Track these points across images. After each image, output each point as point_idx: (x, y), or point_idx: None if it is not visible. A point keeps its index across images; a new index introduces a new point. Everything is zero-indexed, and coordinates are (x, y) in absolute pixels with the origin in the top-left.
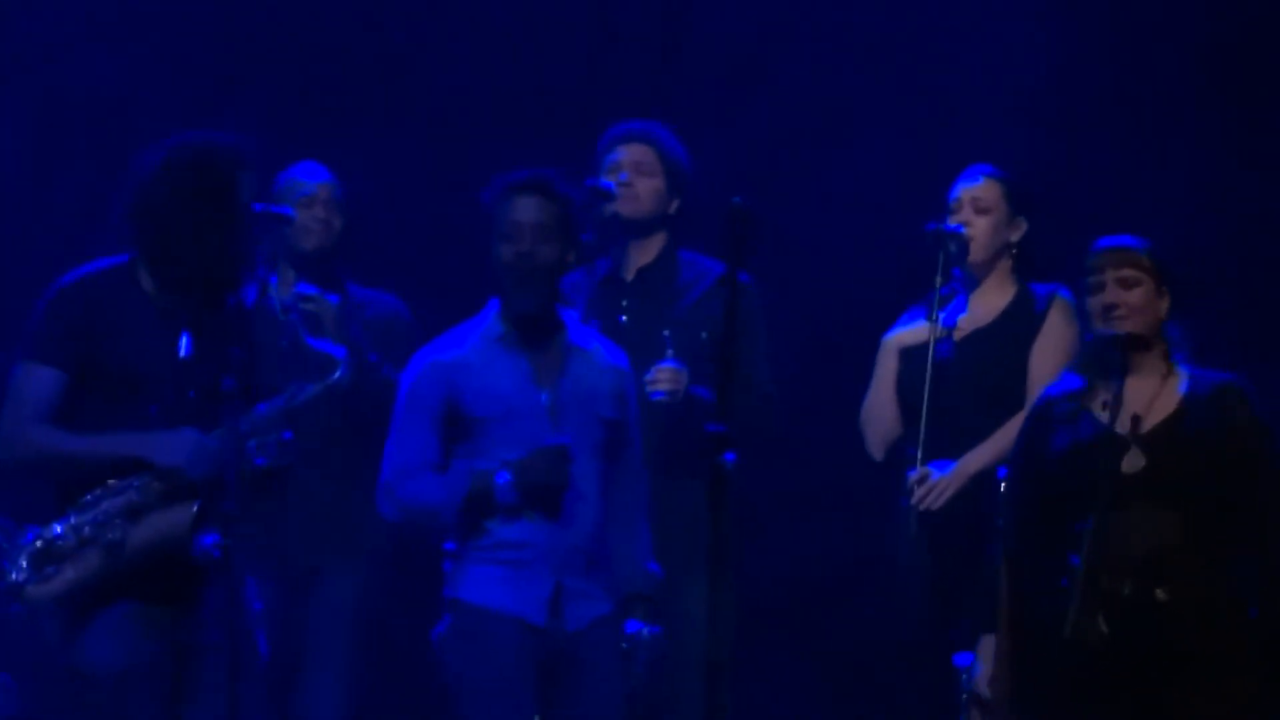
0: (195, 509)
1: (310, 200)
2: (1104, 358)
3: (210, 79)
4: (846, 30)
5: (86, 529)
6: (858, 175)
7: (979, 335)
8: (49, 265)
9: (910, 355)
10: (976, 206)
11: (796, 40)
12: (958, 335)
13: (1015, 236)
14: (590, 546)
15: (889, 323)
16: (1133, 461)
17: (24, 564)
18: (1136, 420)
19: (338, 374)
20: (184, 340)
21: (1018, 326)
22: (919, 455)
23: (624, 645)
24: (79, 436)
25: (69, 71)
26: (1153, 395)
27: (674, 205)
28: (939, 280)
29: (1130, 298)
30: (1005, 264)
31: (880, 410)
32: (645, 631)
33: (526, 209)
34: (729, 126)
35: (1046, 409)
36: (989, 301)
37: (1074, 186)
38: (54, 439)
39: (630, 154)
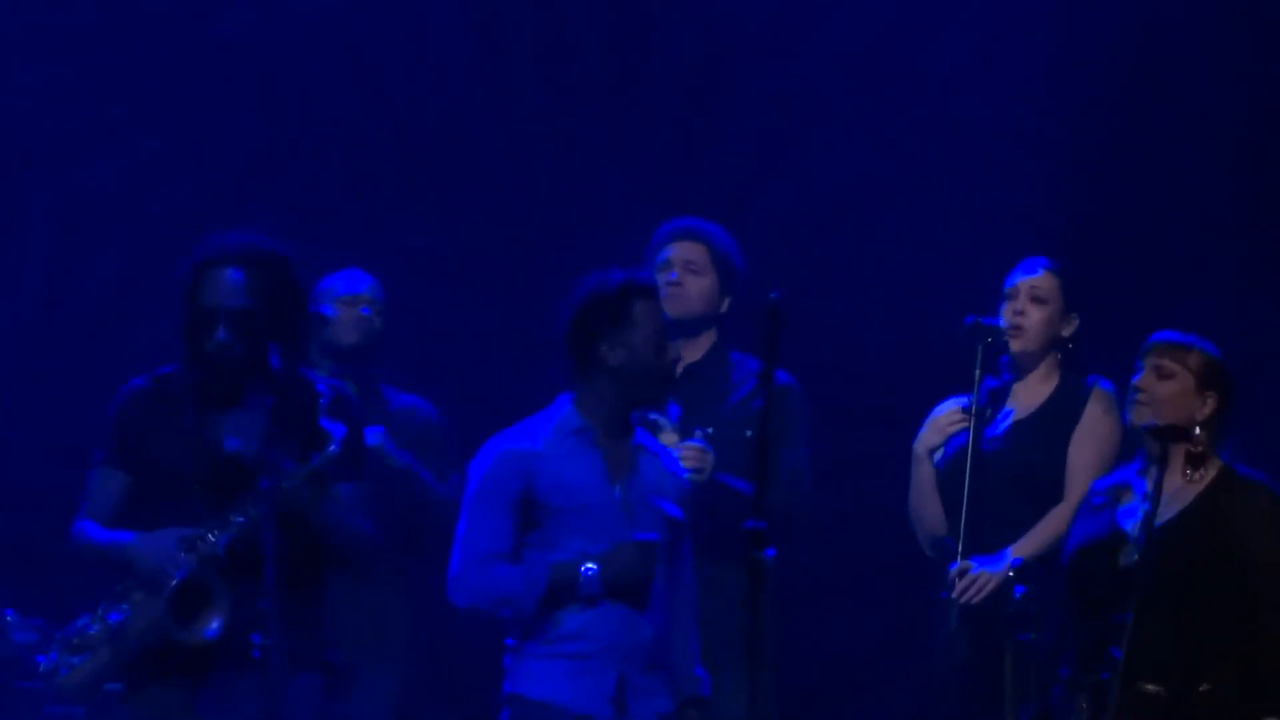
0: (169, 597)
1: (353, 299)
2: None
3: (230, 174)
4: (876, 118)
5: (107, 618)
6: (892, 265)
7: (1021, 426)
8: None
9: (950, 449)
10: (1034, 295)
11: (825, 126)
12: (1000, 426)
13: (1068, 331)
14: (653, 644)
15: (927, 410)
16: (1127, 557)
17: (55, 655)
18: (1148, 517)
19: (329, 449)
20: (229, 437)
21: (1059, 417)
22: (959, 548)
23: None
24: (99, 537)
25: (88, 169)
26: (1175, 489)
27: (725, 304)
28: (978, 374)
29: (1160, 389)
30: (1054, 357)
31: (921, 512)
32: None
33: (650, 311)
34: (760, 216)
35: (1087, 500)
36: (1033, 392)
37: (1117, 278)
38: (89, 538)
39: (681, 252)
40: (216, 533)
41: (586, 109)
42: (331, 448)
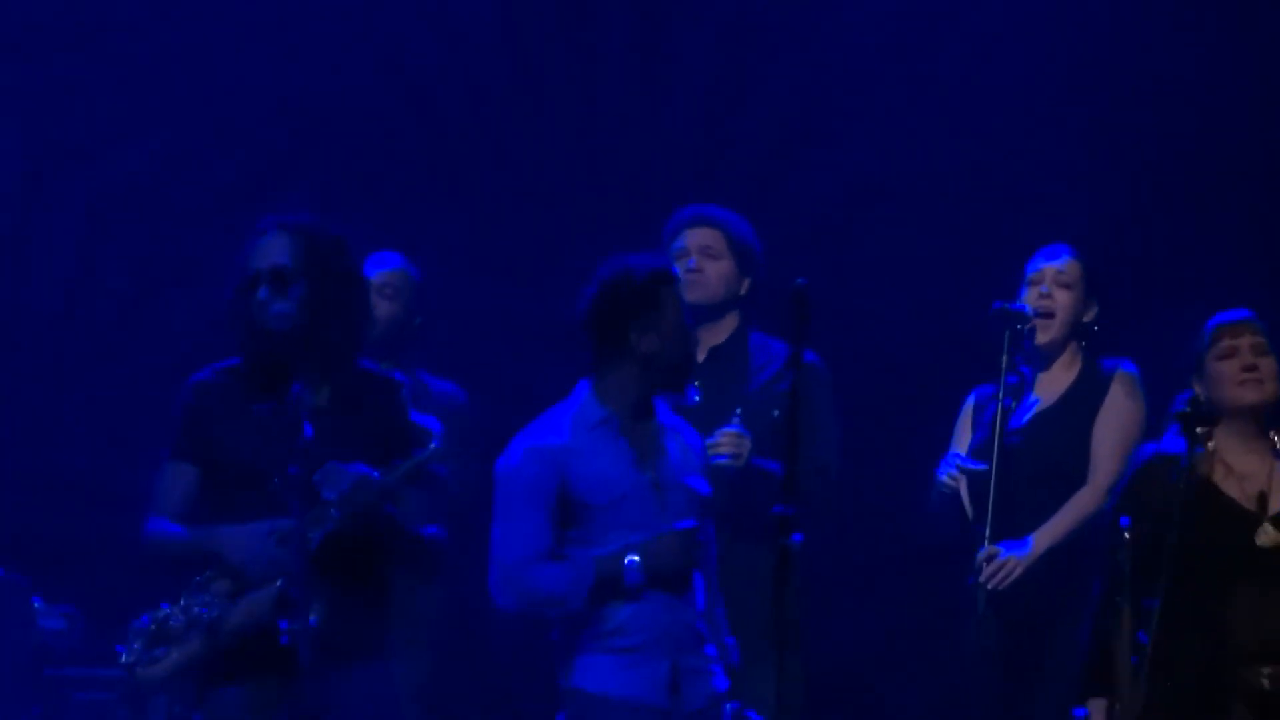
0: (277, 591)
1: (374, 287)
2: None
3: (259, 164)
4: (901, 105)
5: (194, 610)
6: (917, 251)
7: (1045, 415)
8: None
9: (977, 439)
10: (1060, 281)
11: (850, 112)
12: (1025, 416)
13: (1089, 318)
14: (699, 626)
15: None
16: (1268, 538)
17: (137, 646)
18: (1263, 497)
19: (433, 444)
20: (305, 427)
21: (1082, 403)
22: (987, 534)
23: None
24: (183, 532)
25: (116, 160)
26: (1269, 471)
27: (744, 286)
28: (1005, 359)
29: (1265, 365)
30: (1075, 344)
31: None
32: (740, 711)
33: (671, 297)
34: (786, 203)
35: (1160, 470)
36: (1056, 380)
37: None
38: (169, 535)
39: (697, 238)
40: (312, 527)
41: (613, 97)
42: (434, 444)
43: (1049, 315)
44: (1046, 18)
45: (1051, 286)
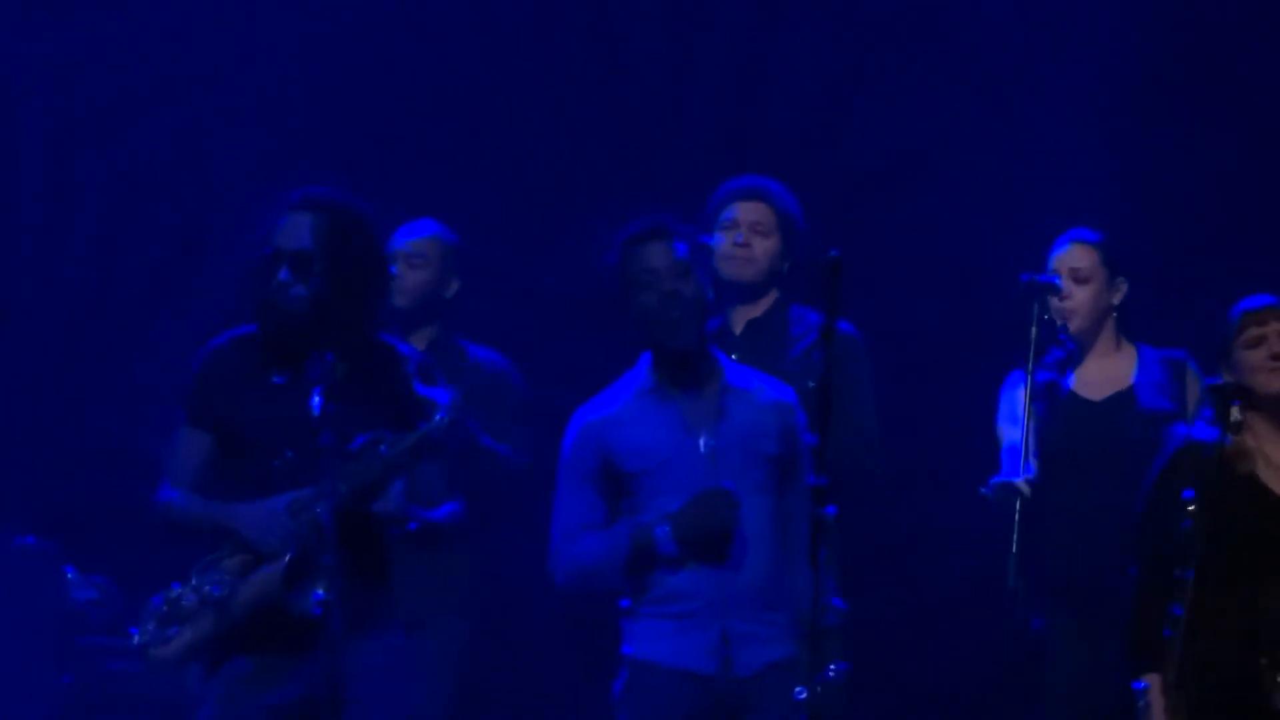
0: (284, 565)
1: (404, 256)
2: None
3: (285, 137)
4: (932, 76)
5: (205, 588)
6: (948, 223)
7: (1123, 397)
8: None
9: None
10: (1075, 277)
11: (881, 85)
12: (1090, 394)
13: (1118, 299)
14: (763, 587)
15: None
16: None
17: (150, 626)
18: None
19: (438, 416)
20: (315, 399)
21: (1161, 391)
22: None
23: (802, 692)
24: (196, 504)
25: (142, 133)
26: None
27: (786, 265)
28: (1034, 331)
29: None
30: (1111, 325)
31: None
32: (832, 669)
33: (657, 254)
34: (819, 171)
35: (1195, 455)
36: (1115, 363)
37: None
38: (180, 508)
39: (747, 213)
40: (321, 501)
41: (642, 66)
42: (439, 415)
43: (1071, 313)
44: None
45: (1068, 283)
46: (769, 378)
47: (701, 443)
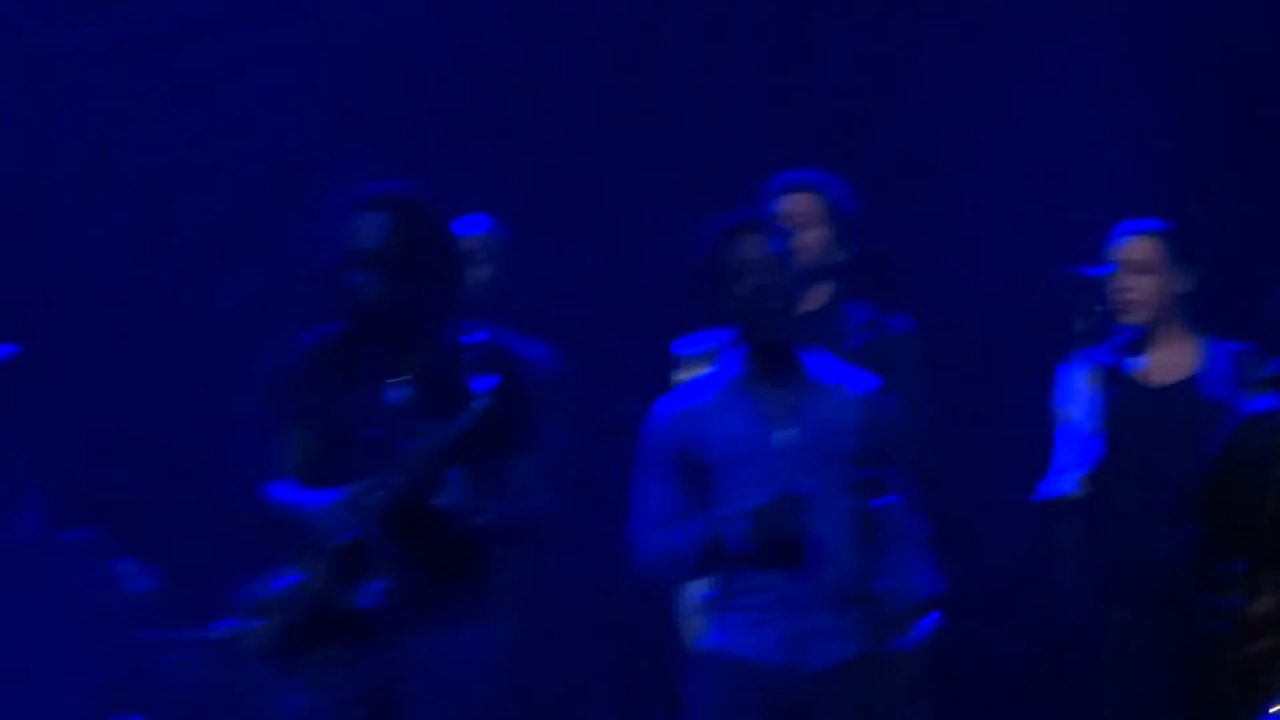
0: (330, 555)
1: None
2: None
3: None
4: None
5: (282, 580)
6: (996, 213)
7: (1185, 385)
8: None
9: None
10: (1135, 268)
11: (928, 71)
12: (1151, 380)
13: (1184, 289)
14: (839, 585)
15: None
16: None
17: (234, 620)
18: None
19: (476, 404)
20: (391, 393)
21: (1224, 384)
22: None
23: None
24: (280, 497)
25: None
26: None
27: (840, 254)
28: (1080, 324)
29: None
30: (1176, 315)
31: None
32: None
33: (752, 246)
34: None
35: (1255, 429)
36: (1180, 352)
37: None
38: (274, 501)
39: (791, 205)
40: (379, 492)
41: (686, 57)
42: (475, 403)
43: (1130, 304)
44: None
45: (1128, 274)
46: (856, 370)
47: (780, 437)
